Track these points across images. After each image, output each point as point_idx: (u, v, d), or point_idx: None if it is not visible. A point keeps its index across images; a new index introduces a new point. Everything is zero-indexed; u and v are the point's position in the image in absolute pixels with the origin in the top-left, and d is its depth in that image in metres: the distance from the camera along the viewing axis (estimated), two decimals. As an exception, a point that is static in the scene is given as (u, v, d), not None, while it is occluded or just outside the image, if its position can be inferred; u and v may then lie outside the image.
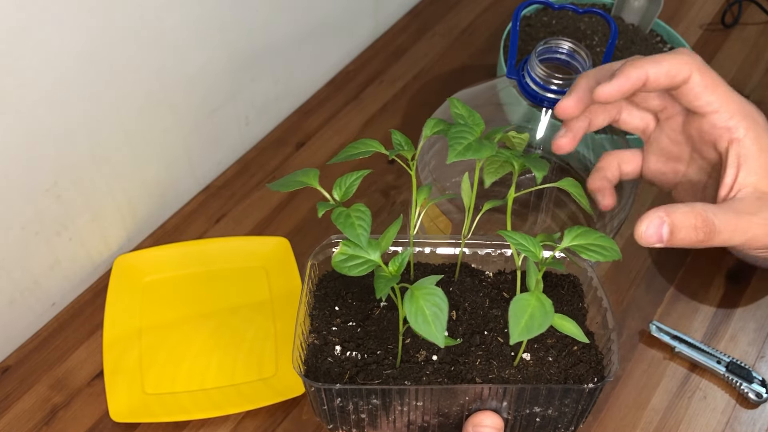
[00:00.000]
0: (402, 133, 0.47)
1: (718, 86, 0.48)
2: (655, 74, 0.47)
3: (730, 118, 0.48)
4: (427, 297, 0.41)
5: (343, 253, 0.44)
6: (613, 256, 0.44)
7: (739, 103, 0.48)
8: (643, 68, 0.47)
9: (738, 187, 0.48)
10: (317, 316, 0.50)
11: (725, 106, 0.48)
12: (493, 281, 0.53)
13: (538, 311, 0.42)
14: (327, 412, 0.48)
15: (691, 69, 0.47)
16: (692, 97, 0.48)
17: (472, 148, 0.43)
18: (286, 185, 0.46)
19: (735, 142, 0.48)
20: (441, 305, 0.41)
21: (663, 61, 0.48)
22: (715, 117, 0.48)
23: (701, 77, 0.47)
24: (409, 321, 0.41)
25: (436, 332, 0.40)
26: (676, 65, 0.47)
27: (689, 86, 0.48)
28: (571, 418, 0.48)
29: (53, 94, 0.56)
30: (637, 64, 0.48)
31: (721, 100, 0.48)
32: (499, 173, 0.48)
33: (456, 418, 0.48)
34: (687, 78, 0.47)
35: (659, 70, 0.47)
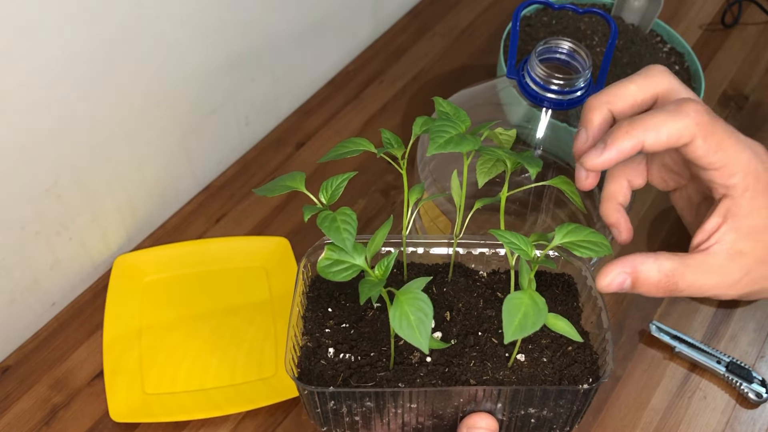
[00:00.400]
0: (392, 132, 0.47)
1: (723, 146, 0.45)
2: (653, 143, 0.45)
3: (731, 177, 0.45)
4: (411, 302, 0.41)
5: (328, 258, 0.43)
6: (604, 251, 0.44)
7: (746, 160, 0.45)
8: (638, 138, 0.44)
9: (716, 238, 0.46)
10: (310, 318, 0.50)
11: (729, 166, 0.45)
12: (487, 281, 0.52)
13: (532, 310, 0.42)
14: (320, 414, 0.47)
15: (693, 134, 0.44)
16: (694, 157, 0.46)
17: (453, 141, 0.43)
18: (272, 190, 0.46)
19: (728, 198, 0.46)
20: (426, 310, 0.40)
21: (662, 127, 0.44)
22: (715, 174, 0.46)
23: (704, 141, 0.44)
24: (394, 326, 0.40)
25: (420, 338, 0.40)
26: (677, 131, 0.44)
27: (691, 149, 0.45)
28: (567, 418, 0.48)
29: (53, 94, 0.56)
30: (632, 132, 0.45)
31: (726, 160, 0.45)
32: (492, 172, 0.48)
33: (450, 419, 0.48)
34: (689, 143, 0.45)
35: (658, 139, 0.44)
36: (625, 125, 0.45)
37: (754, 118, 0.86)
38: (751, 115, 0.86)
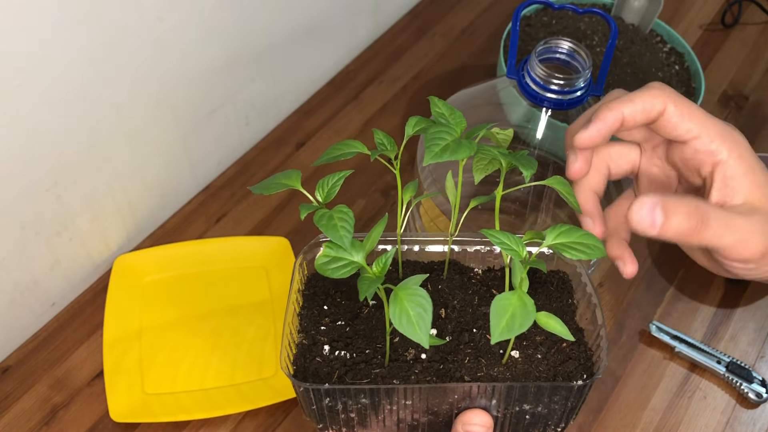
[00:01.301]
0: (387, 133, 0.47)
1: (694, 113, 0.48)
2: (631, 113, 0.48)
3: (711, 142, 0.47)
4: (411, 298, 0.41)
5: (326, 255, 0.43)
6: (597, 254, 0.44)
7: (718, 125, 0.48)
8: (617, 109, 0.48)
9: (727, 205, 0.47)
10: (306, 316, 0.50)
11: (705, 131, 0.48)
12: (482, 278, 0.53)
13: (520, 311, 0.42)
14: (316, 411, 0.48)
15: (665, 101, 0.48)
16: (670, 127, 0.48)
17: (450, 149, 0.43)
18: (267, 188, 0.46)
19: (719, 164, 0.47)
20: (425, 306, 0.41)
21: (636, 99, 0.48)
22: (696, 142, 0.48)
23: (675, 107, 0.47)
24: (394, 322, 0.41)
25: (420, 333, 0.40)
26: (650, 100, 0.48)
27: (665, 118, 0.48)
28: (561, 415, 0.49)
29: (53, 94, 0.56)
30: (611, 105, 0.48)
31: (700, 125, 0.48)
32: (488, 169, 0.48)
33: (445, 416, 0.48)
34: (662, 110, 0.48)
35: (634, 108, 0.48)
36: (605, 103, 0.49)
37: (754, 118, 0.86)
38: (751, 115, 0.86)
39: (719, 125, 0.48)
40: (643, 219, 0.45)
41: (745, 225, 0.46)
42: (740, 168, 0.47)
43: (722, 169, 0.47)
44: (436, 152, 0.43)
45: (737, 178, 0.47)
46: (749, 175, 0.47)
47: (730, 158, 0.47)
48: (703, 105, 0.86)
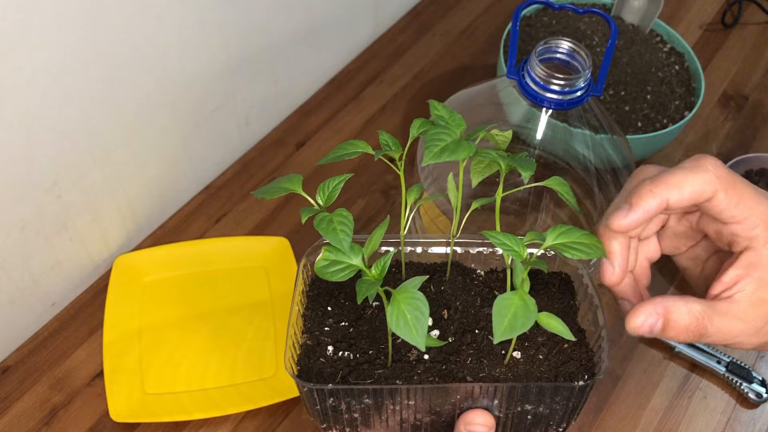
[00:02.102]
0: (390, 134, 0.47)
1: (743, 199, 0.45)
2: (677, 200, 0.45)
3: (753, 228, 0.46)
4: (408, 301, 0.41)
5: (326, 258, 0.44)
6: (597, 253, 0.44)
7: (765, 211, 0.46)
8: (662, 196, 0.45)
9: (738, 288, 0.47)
10: (310, 317, 0.51)
11: (751, 218, 0.46)
12: (485, 279, 0.53)
13: (521, 310, 0.42)
14: (320, 411, 0.48)
15: (715, 189, 0.45)
16: (716, 212, 0.46)
17: (449, 150, 0.43)
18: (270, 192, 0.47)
19: (751, 250, 0.46)
20: (422, 309, 0.41)
21: (684, 184, 0.45)
22: (737, 227, 0.46)
23: (726, 194, 0.45)
24: (391, 325, 0.41)
25: (417, 336, 0.41)
26: (699, 187, 0.45)
27: (713, 204, 0.46)
28: (563, 415, 0.49)
29: (53, 94, 0.56)
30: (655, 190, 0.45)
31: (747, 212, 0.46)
32: (486, 172, 0.48)
33: (448, 416, 0.48)
34: (711, 197, 0.45)
35: (682, 196, 0.45)
36: (648, 184, 0.46)
37: (754, 118, 0.86)
38: (751, 115, 0.86)
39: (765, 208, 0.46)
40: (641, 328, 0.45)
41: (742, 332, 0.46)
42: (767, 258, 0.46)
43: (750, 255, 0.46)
44: (435, 152, 0.43)
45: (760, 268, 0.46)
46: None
47: (764, 248, 0.46)
48: (703, 105, 0.86)
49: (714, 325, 0.45)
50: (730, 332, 0.46)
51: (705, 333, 0.45)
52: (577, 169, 0.64)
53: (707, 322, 0.45)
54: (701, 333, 0.45)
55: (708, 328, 0.45)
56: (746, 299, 0.46)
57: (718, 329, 0.45)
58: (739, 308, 0.46)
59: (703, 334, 0.45)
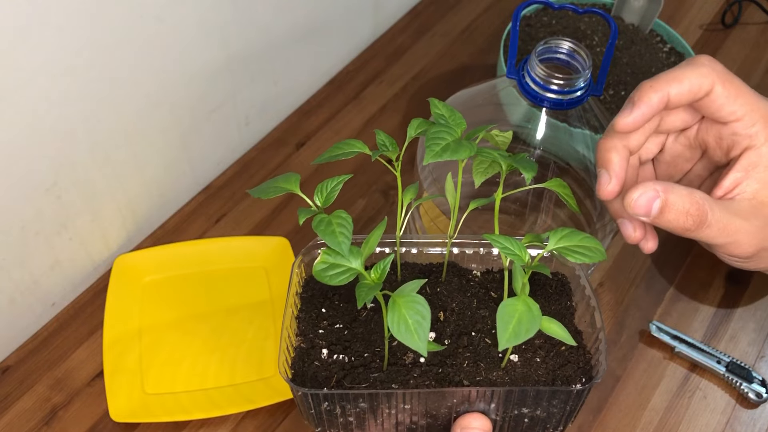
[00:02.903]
0: (388, 134, 0.47)
1: (741, 94, 0.46)
2: (678, 94, 0.46)
3: (752, 125, 0.46)
4: (409, 305, 0.41)
5: (324, 261, 0.43)
6: (598, 257, 0.44)
7: (765, 108, 0.46)
8: (663, 90, 0.46)
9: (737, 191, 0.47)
10: (304, 319, 0.50)
11: (749, 114, 0.46)
12: (481, 281, 0.52)
13: (526, 316, 0.42)
14: (314, 415, 0.47)
15: (713, 81, 0.46)
16: (715, 108, 0.46)
17: (450, 149, 0.43)
18: (266, 192, 0.46)
19: (751, 149, 0.46)
20: (423, 313, 0.41)
21: (683, 78, 0.46)
22: (737, 125, 0.46)
23: (723, 87, 0.46)
24: (392, 330, 0.41)
25: (418, 341, 0.40)
26: (697, 79, 0.45)
27: (711, 98, 0.46)
28: (560, 418, 0.49)
29: (53, 94, 0.56)
30: (656, 86, 0.46)
31: (746, 107, 0.46)
32: (488, 173, 0.48)
33: (444, 419, 0.48)
34: (709, 90, 0.46)
35: (681, 89, 0.46)
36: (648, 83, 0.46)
37: (754, 118, 0.86)
38: (751, 115, 0.86)
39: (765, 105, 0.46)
40: (640, 207, 0.44)
41: (741, 228, 0.45)
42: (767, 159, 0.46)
43: (750, 155, 0.46)
44: (436, 151, 0.43)
45: (760, 167, 0.46)
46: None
47: (765, 146, 0.46)
48: (703, 105, 0.86)
49: (715, 215, 0.44)
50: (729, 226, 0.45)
51: (705, 220, 0.44)
52: (577, 169, 0.64)
53: (707, 209, 0.44)
54: (701, 219, 0.44)
55: (708, 216, 0.44)
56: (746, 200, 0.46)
57: (718, 219, 0.44)
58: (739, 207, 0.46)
59: (703, 221, 0.44)
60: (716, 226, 0.45)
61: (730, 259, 0.48)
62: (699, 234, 0.45)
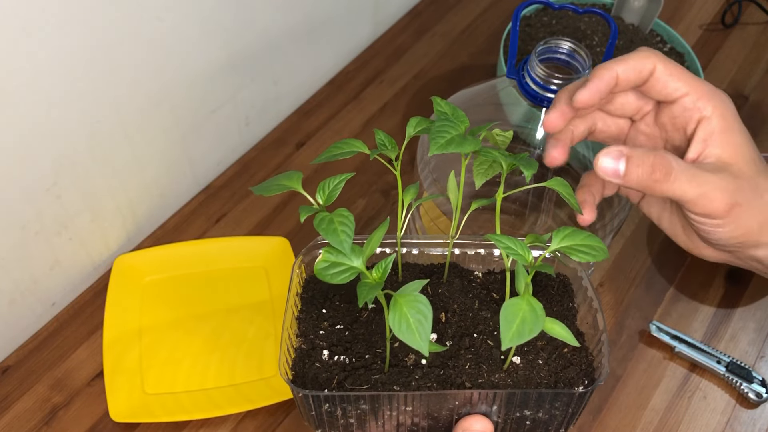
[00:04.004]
0: (388, 134, 0.47)
1: (682, 74, 0.51)
2: (624, 71, 0.50)
3: (698, 99, 0.50)
4: (411, 304, 0.41)
5: (326, 260, 0.43)
6: (601, 255, 0.44)
7: (705, 85, 0.51)
8: (612, 68, 0.50)
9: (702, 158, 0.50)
10: (304, 320, 0.50)
11: (693, 89, 0.50)
12: (483, 281, 0.52)
13: (529, 316, 0.42)
14: (315, 417, 0.47)
15: (654, 61, 0.50)
16: (660, 86, 0.51)
17: (455, 142, 0.43)
18: (268, 189, 0.46)
19: (704, 120, 0.50)
20: (425, 313, 0.40)
21: (628, 59, 0.50)
22: (685, 100, 0.50)
23: (664, 67, 0.50)
24: (393, 329, 0.40)
25: (420, 340, 0.40)
26: (640, 60, 0.50)
27: (656, 77, 0.50)
28: (562, 420, 0.48)
29: (53, 94, 0.56)
30: (606, 65, 0.51)
31: (688, 84, 0.50)
32: (489, 174, 0.48)
33: (446, 421, 0.48)
34: (652, 69, 0.50)
35: (626, 67, 0.50)
36: (599, 65, 0.51)
37: (754, 118, 0.86)
38: (751, 115, 0.86)
39: (707, 85, 0.51)
40: (607, 167, 0.47)
41: (710, 180, 0.48)
42: (720, 125, 0.50)
43: (704, 125, 0.50)
44: (441, 144, 0.43)
45: (715, 134, 0.50)
46: (727, 133, 0.50)
47: (714, 115, 0.50)
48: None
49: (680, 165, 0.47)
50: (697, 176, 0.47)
51: (671, 172, 0.47)
52: (576, 169, 0.64)
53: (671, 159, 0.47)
54: (667, 170, 0.47)
55: (674, 165, 0.47)
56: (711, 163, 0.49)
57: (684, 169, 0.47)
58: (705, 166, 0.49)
59: (669, 171, 0.47)
60: (683, 175, 0.47)
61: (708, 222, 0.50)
62: (670, 185, 0.47)
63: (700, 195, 0.47)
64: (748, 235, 0.50)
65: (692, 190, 0.47)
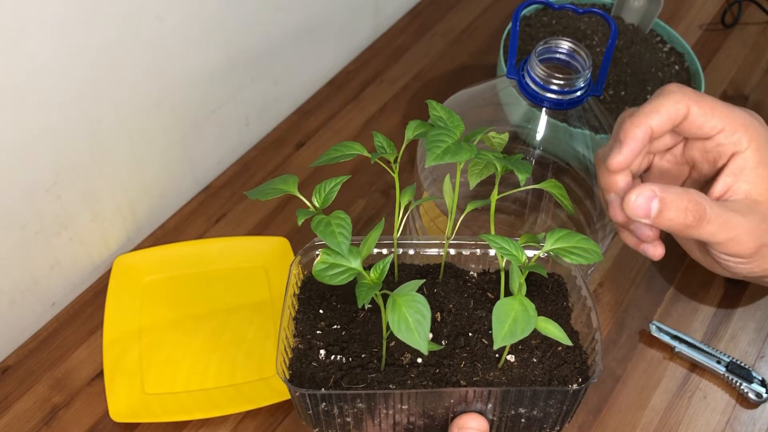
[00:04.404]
0: (386, 136, 0.47)
1: (716, 109, 0.48)
2: (659, 124, 0.48)
3: (734, 133, 0.48)
4: (409, 304, 0.41)
5: (324, 261, 0.44)
6: (594, 258, 0.44)
7: (741, 117, 0.48)
8: (645, 124, 0.47)
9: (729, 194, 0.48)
10: (301, 320, 0.50)
11: (729, 124, 0.48)
12: (478, 281, 0.53)
13: (521, 316, 0.42)
14: (312, 416, 0.48)
15: (687, 104, 0.48)
16: (696, 127, 0.48)
17: (451, 151, 0.43)
18: (264, 193, 0.46)
19: (737, 154, 0.48)
20: (423, 312, 0.41)
21: (661, 108, 0.48)
22: (720, 136, 0.48)
23: (699, 107, 0.48)
24: (392, 329, 0.41)
25: (419, 339, 0.40)
26: (673, 106, 0.48)
27: (690, 119, 0.48)
28: (557, 418, 0.49)
29: (53, 94, 0.56)
30: (637, 121, 0.48)
31: (724, 119, 0.48)
32: (484, 174, 0.48)
33: (441, 419, 0.48)
34: (686, 113, 0.48)
35: (660, 119, 0.48)
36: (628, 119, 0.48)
37: (754, 118, 0.86)
38: (751, 115, 0.86)
39: (742, 116, 0.48)
40: (639, 207, 0.45)
41: (741, 225, 0.46)
42: (753, 159, 0.47)
43: (737, 159, 0.48)
44: (437, 154, 0.43)
45: (747, 169, 0.47)
46: (759, 167, 0.48)
47: (749, 149, 0.47)
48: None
49: (713, 210, 0.46)
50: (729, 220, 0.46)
51: (704, 215, 0.45)
52: (577, 169, 0.64)
53: (705, 204, 0.45)
54: (700, 214, 0.45)
55: (707, 211, 0.45)
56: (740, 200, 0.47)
57: (717, 214, 0.46)
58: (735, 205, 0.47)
59: (702, 216, 0.45)
60: (716, 220, 0.46)
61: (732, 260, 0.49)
62: (700, 230, 0.46)
63: (729, 239, 0.46)
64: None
65: (722, 234, 0.46)
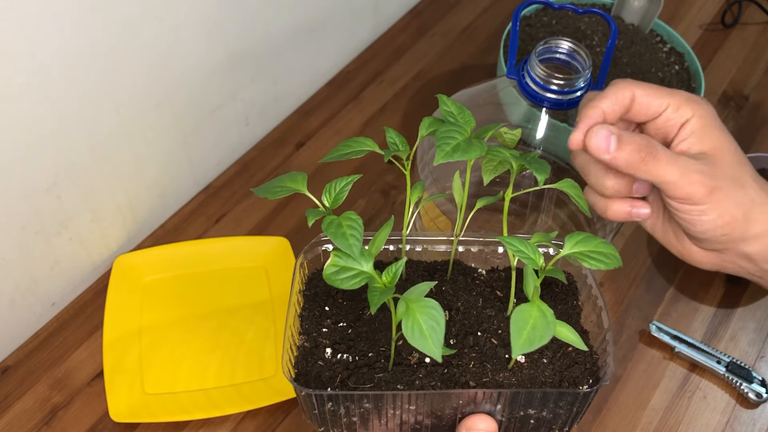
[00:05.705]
0: (397, 132, 0.46)
1: (658, 90, 0.53)
2: (609, 105, 0.52)
3: (678, 108, 0.52)
4: (423, 310, 0.40)
5: (335, 264, 0.42)
6: (614, 263, 0.44)
7: (682, 94, 0.53)
8: (597, 107, 0.52)
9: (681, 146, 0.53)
10: (307, 317, 0.50)
11: (672, 101, 0.53)
12: (486, 279, 0.52)
13: (540, 322, 0.41)
14: (318, 415, 0.47)
15: (631, 89, 0.52)
16: (644, 108, 0.53)
17: (461, 149, 0.42)
18: (272, 191, 0.45)
19: (686, 124, 0.52)
20: (438, 318, 0.40)
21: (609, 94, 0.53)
22: (667, 112, 0.53)
23: (642, 90, 0.53)
24: (405, 335, 0.40)
25: (433, 346, 0.40)
26: (619, 91, 0.52)
27: (637, 102, 0.53)
28: (566, 419, 0.48)
29: (53, 94, 0.56)
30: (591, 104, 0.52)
31: (667, 98, 0.53)
32: (498, 171, 0.48)
33: (449, 420, 0.48)
34: (632, 96, 0.52)
35: (609, 102, 0.52)
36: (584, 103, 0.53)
37: (754, 118, 0.86)
38: (751, 115, 0.86)
39: (684, 93, 0.54)
40: (599, 143, 0.49)
41: (690, 164, 0.50)
42: (698, 124, 0.52)
43: (686, 127, 0.53)
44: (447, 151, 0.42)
45: (696, 132, 0.52)
46: (706, 129, 0.52)
47: (693, 117, 0.52)
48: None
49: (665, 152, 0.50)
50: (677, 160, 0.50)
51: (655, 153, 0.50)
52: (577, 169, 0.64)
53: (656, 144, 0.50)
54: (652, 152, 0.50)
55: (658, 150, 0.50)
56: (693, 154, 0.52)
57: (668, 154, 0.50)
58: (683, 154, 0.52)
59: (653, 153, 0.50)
60: (666, 159, 0.50)
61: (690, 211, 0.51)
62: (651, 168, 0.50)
63: (681, 176, 0.50)
64: (733, 224, 0.51)
65: (674, 171, 0.50)
